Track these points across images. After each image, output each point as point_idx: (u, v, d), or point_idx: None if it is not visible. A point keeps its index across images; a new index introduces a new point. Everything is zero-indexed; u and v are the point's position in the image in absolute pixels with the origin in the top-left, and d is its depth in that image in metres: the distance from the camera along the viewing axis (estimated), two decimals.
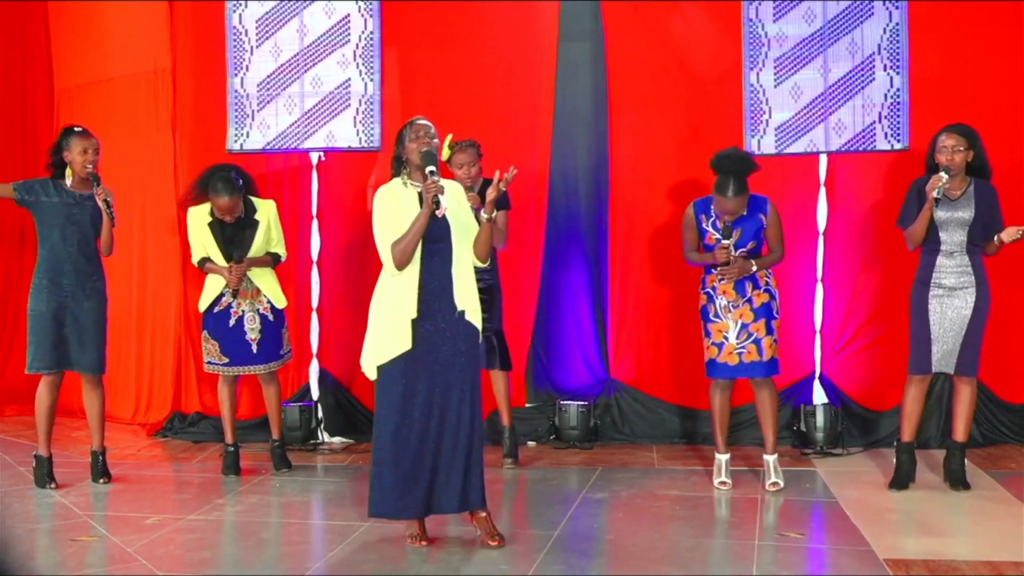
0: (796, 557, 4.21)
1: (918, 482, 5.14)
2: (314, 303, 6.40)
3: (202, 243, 5.48)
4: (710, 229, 5.11)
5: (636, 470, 5.58)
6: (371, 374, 4.28)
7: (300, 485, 5.39)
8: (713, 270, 5.12)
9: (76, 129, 5.29)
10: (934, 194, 4.85)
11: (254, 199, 5.55)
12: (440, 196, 4.09)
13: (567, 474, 5.55)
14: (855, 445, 5.88)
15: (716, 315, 5.11)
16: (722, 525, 4.63)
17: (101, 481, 5.33)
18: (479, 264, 4.33)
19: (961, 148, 4.92)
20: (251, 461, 5.69)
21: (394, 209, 4.21)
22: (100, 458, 5.37)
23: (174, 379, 6.56)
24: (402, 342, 4.18)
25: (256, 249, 5.48)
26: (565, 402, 6.15)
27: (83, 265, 5.26)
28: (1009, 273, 5.92)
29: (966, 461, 5.12)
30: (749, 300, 5.09)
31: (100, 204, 5.17)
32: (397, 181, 4.30)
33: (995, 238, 4.93)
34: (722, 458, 5.23)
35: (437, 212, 4.10)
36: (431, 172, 4.13)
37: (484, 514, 4.32)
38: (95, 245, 5.30)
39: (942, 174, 4.86)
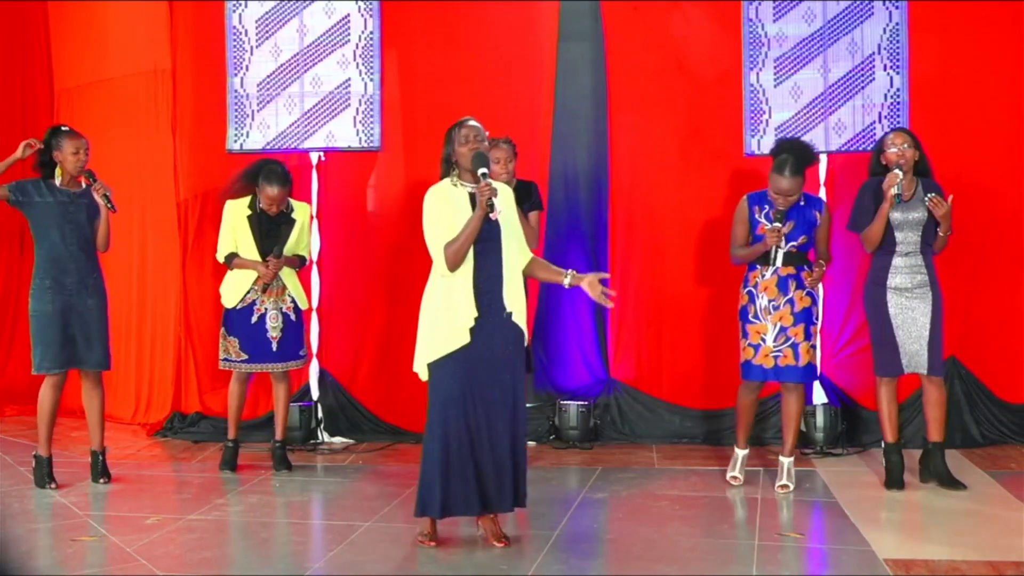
0: (796, 557, 4.21)
1: (917, 482, 5.14)
2: (314, 303, 6.39)
3: (235, 238, 5.50)
4: (763, 220, 5.06)
5: (636, 470, 5.58)
6: (423, 374, 4.26)
7: (300, 485, 5.39)
8: (757, 266, 5.07)
9: (64, 129, 5.28)
10: (893, 190, 4.88)
11: (291, 200, 5.59)
12: (494, 199, 4.09)
13: (567, 474, 5.55)
14: (855, 445, 5.88)
15: (756, 316, 5.07)
16: (722, 525, 4.63)
17: (101, 481, 5.33)
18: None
19: (908, 145, 4.98)
20: (251, 461, 5.69)
21: (445, 210, 4.20)
22: (100, 458, 5.36)
23: (174, 379, 6.56)
24: (459, 338, 4.15)
25: (288, 248, 5.52)
26: (565, 402, 6.15)
27: (84, 263, 5.26)
28: (1009, 273, 5.92)
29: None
30: (791, 301, 5.03)
31: (99, 199, 5.17)
32: (447, 182, 4.29)
33: (939, 232, 4.98)
34: (740, 453, 5.25)
35: (491, 215, 4.09)
36: (483, 174, 4.13)
37: (492, 515, 4.32)
38: (93, 242, 5.30)
39: (897, 171, 4.90)
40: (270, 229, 5.49)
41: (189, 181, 6.45)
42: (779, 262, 5.03)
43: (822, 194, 6.02)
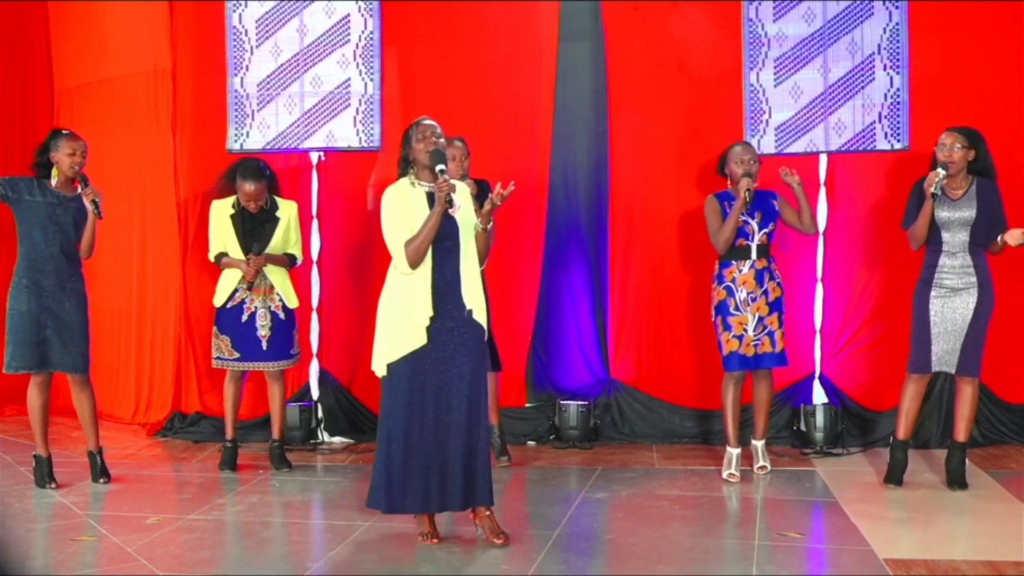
0: (796, 557, 4.21)
1: (917, 482, 5.15)
2: (314, 303, 6.40)
3: (222, 237, 5.53)
4: (729, 216, 5.29)
5: (636, 470, 5.58)
6: (380, 371, 4.28)
7: (300, 485, 5.39)
8: (732, 262, 5.30)
9: (64, 131, 5.28)
10: (932, 189, 4.88)
11: (278, 198, 5.61)
12: (452, 194, 4.11)
13: (567, 474, 5.55)
14: (855, 445, 5.88)
15: (737, 308, 5.31)
16: (722, 525, 4.63)
17: (101, 481, 5.33)
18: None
19: (959, 145, 4.95)
20: (251, 461, 5.69)
21: (403, 209, 4.22)
22: (98, 458, 5.36)
23: (174, 379, 6.56)
24: (416, 338, 4.18)
25: (274, 246, 5.53)
26: (565, 402, 6.15)
27: (64, 266, 5.22)
28: (1009, 273, 5.92)
29: (965, 460, 5.12)
30: (766, 292, 5.33)
31: (88, 204, 5.14)
32: (404, 181, 4.31)
33: (998, 238, 4.94)
34: (733, 452, 5.34)
35: (451, 211, 4.12)
36: (441, 171, 4.16)
37: (488, 512, 4.32)
38: (76, 246, 5.27)
39: (939, 170, 4.91)
40: (253, 227, 5.51)
41: (189, 181, 6.45)
42: (754, 255, 5.30)
43: (822, 194, 6.03)
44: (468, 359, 4.25)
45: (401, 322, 4.21)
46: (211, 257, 5.62)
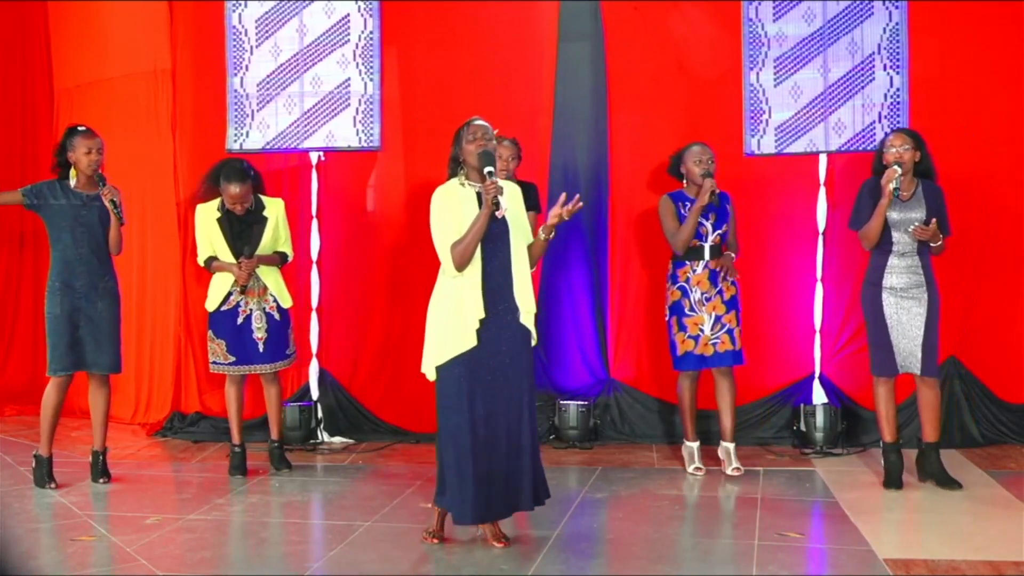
0: (796, 557, 4.21)
1: (917, 482, 5.14)
2: (314, 303, 6.40)
3: (210, 240, 5.47)
4: (686, 214, 5.37)
5: (636, 470, 5.58)
6: (431, 375, 4.26)
7: (300, 485, 5.39)
8: (687, 262, 5.39)
9: (80, 128, 5.26)
10: (892, 185, 4.91)
11: (263, 197, 5.56)
12: (500, 197, 4.10)
13: (567, 474, 5.55)
14: (855, 445, 5.88)
15: (692, 309, 5.40)
16: (722, 525, 4.63)
17: (101, 481, 5.33)
18: None
19: (908, 146, 5.03)
20: (251, 461, 5.69)
21: (453, 209, 4.20)
22: (101, 458, 5.36)
23: (174, 379, 6.56)
24: (467, 340, 4.15)
25: (264, 247, 5.48)
26: (565, 402, 6.15)
27: (95, 266, 5.25)
28: (1009, 273, 5.92)
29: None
30: (720, 292, 5.41)
31: (107, 204, 5.17)
32: (454, 181, 4.29)
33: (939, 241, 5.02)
34: (694, 445, 5.49)
35: (497, 213, 4.10)
36: (489, 173, 4.14)
37: None
38: (106, 245, 5.29)
39: (896, 167, 4.96)
40: (241, 230, 5.45)
41: (189, 181, 6.44)
42: (707, 256, 5.39)
43: (822, 194, 6.03)
44: (520, 359, 4.24)
45: (451, 324, 4.17)
46: (200, 262, 5.56)
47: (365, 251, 6.35)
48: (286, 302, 5.59)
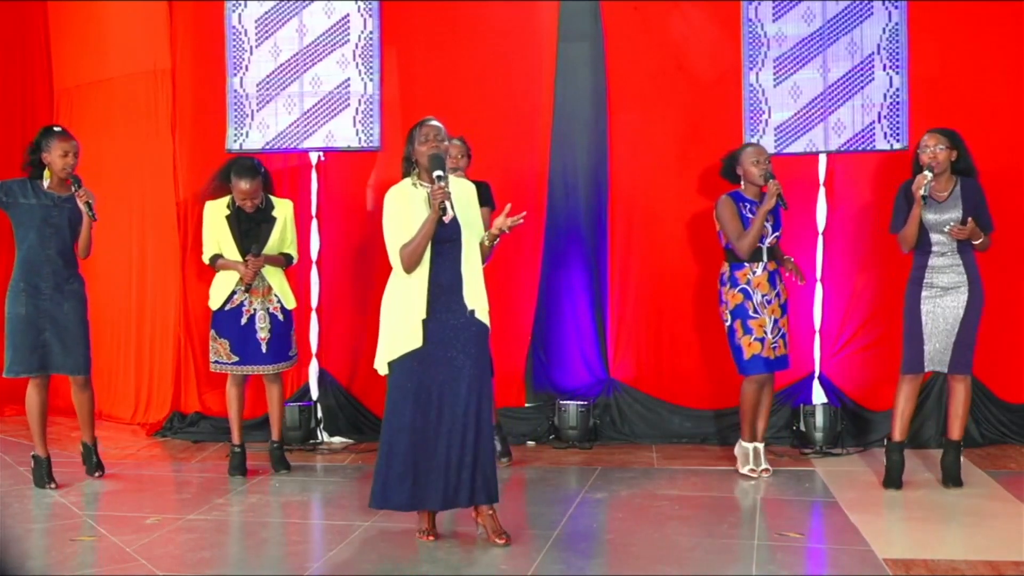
0: (796, 557, 4.21)
1: (917, 482, 5.15)
2: (314, 303, 6.40)
3: (217, 238, 5.46)
4: (749, 215, 5.27)
5: (636, 470, 5.58)
6: (382, 370, 4.29)
7: (300, 485, 5.39)
8: (745, 264, 5.26)
9: (56, 129, 5.21)
10: (921, 192, 4.91)
11: (273, 197, 5.56)
12: (447, 202, 4.10)
13: (567, 474, 5.55)
14: (854, 445, 5.88)
15: (755, 311, 5.28)
16: (722, 525, 4.63)
17: (96, 475, 5.32)
18: None
19: (942, 147, 5.00)
20: (251, 461, 5.68)
21: (404, 210, 4.21)
22: (92, 449, 5.35)
23: (174, 379, 6.56)
24: (413, 340, 4.19)
25: (271, 246, 5.48)
26: (565, 402, 6.15)
27: (60, 267, 5.19)
28: (1008, 273, 5.92)
29: (962, 460, 5.12)
30: (778, 295, 5.35)
31: (81, 206, 5.10)
32: (407, 181, 4.30)
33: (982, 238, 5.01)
34: (749, 446, 5.39)
35: (444, 218, 4.11)
36: (438, 177, 4.14)
37: (491, 511, 4.32)
38: (73, 247, 5.24)
39: (926, 172, 4.94)
40: (249, 228, 5.45)
41: (189, 181, 6.45)
42: (765, 257, 5.29)
43: (821, 194, 6.03)
44: (470, 359, 4.24)
45: (399, 322, 4.22)
46: (205, 259, 5.55)
47: (365, 251, 6.35)
48: (290, 303, 5.58)
